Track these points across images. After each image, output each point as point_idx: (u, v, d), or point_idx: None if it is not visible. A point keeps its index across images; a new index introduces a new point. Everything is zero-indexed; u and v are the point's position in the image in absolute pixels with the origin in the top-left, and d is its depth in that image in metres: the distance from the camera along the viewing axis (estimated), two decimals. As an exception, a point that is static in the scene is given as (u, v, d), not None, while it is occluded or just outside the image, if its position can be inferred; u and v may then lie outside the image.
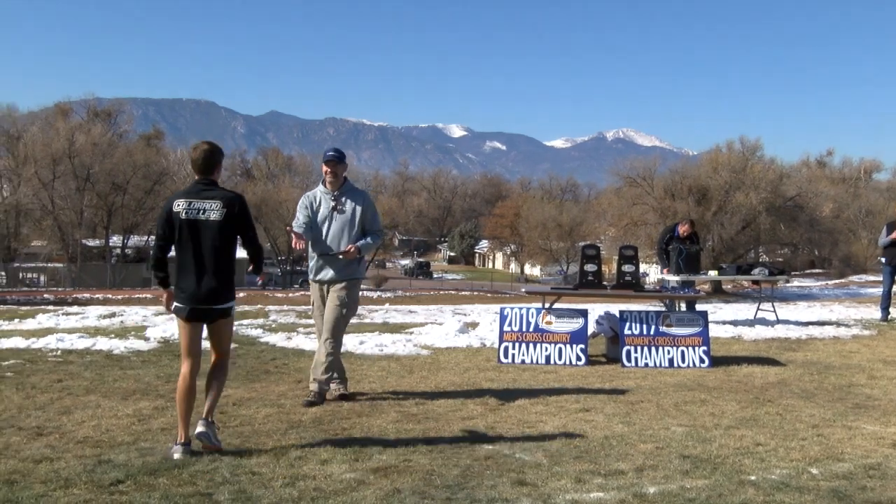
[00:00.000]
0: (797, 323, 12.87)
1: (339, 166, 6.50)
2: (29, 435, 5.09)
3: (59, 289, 47.14)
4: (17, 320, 12.19)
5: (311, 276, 6.61)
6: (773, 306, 13.70)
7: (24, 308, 18.55)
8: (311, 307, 6.82)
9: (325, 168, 6.51)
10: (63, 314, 13.39)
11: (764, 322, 12.85)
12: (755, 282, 14.60)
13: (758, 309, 14.30)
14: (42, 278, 53.98)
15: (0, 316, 12.96)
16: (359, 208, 6.45)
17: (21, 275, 54.07)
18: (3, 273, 54.37)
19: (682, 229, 12.98)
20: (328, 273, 6.45)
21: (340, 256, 6.32)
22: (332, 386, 6.46)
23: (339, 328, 6.45)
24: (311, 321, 13.61)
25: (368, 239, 6.44)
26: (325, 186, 6.55)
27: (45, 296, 39.27)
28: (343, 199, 6.48)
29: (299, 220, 6.46)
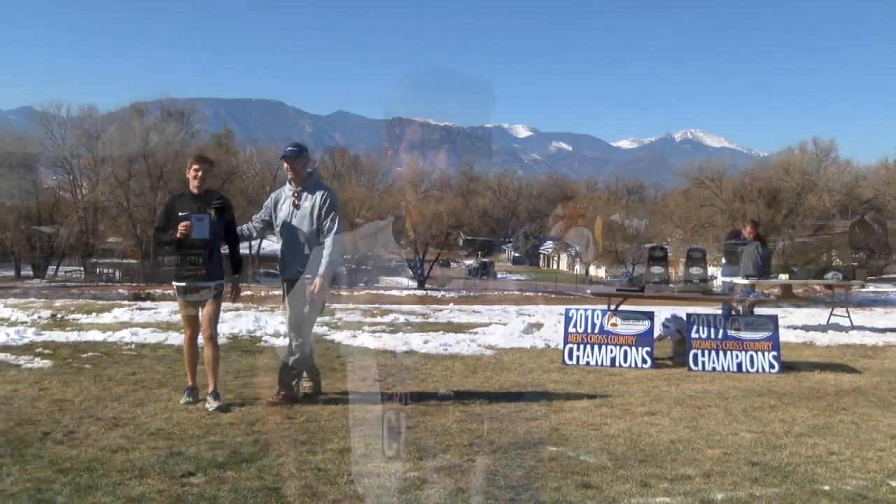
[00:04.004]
0: (873, 329, 12.48)
1: (297, 161, 6.32)
2: (106, 425, 5.28)
3: (133, 284, 48.47)
4: (94, 314, 12.60)
5: (280, 275, 6.50)
6: (848, 311, 13.31)
7: (100, 302, 19.12)
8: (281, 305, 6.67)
9: (284, 164, 6.40)
10: (137, 309, 13.77)
11: (837, 328, 12.50)
12: (828, 286, 14.22)
13: (831, 314, 13.90)
14: (117, 273, 55.69)
15: (79, 310, 13.41)
16: (316, 204, 6.25)
17: (98, 270, 55.93)
18: (81, 268, 56.30)
19: (747, 231, 12.82)
20: (291, 271, 6.31)
21: (314, 292, 6.11)
22: (305, 384, 6.50)
23: (304, 327, 6.37)
24: (376, 319, 13.76)
25: (323, 254, 6.14)
26: (290, 184, 6.44)
27: (120, 291, 40.43)
28: (303, 194, 6.32)
29: (258, 216, 6.57)
